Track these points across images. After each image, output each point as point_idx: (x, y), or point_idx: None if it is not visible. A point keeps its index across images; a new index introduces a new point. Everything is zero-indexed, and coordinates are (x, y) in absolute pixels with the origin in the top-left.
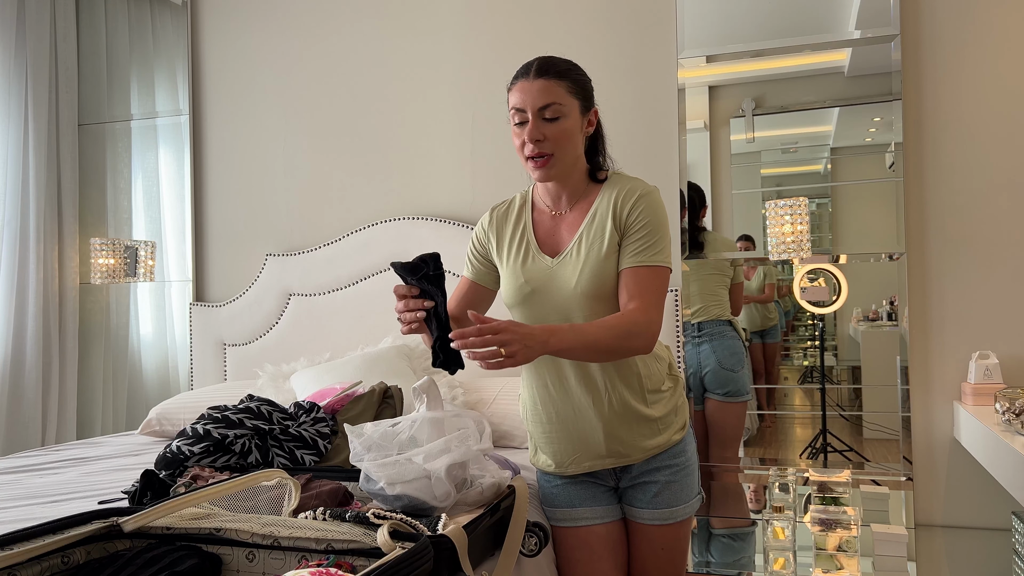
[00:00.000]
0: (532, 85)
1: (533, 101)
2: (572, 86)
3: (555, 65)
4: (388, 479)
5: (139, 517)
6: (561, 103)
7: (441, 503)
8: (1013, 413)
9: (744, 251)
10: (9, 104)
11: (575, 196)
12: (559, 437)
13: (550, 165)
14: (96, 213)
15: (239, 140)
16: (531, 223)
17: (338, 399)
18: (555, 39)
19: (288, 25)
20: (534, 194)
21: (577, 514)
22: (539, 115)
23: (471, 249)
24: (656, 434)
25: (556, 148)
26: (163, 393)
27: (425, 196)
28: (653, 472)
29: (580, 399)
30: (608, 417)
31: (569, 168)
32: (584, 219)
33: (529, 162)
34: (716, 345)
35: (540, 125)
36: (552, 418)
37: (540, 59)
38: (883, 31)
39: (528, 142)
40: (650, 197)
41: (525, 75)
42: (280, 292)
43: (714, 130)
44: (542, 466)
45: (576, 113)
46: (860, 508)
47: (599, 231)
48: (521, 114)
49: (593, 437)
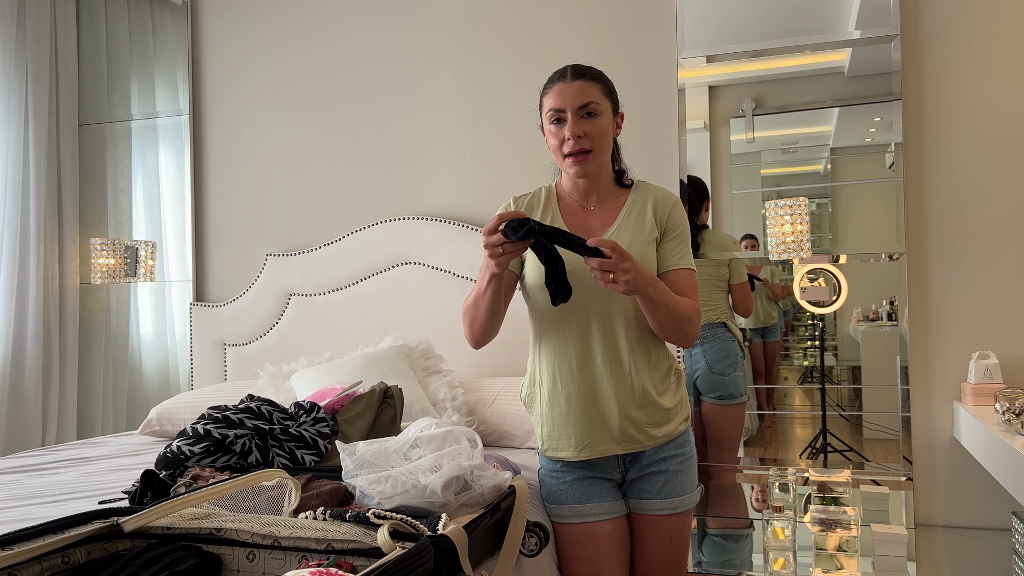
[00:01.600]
0: (570, 87)
1: (572, 101)
2: (605, 88)
3: (589, 69)
4: (381, 494)
5: (139, 517)
6: (597, 102)
7: (443, 510)
8: (1013, 413)
9: (748, 250)
10: (9, 104)
11: (603, 195)
12: (576, 419)
13: (589, 160)
14: (96, 213)
15: (239, 140)
16: (559, 212)
17: (338, 399)
18: (555, 39)
19: (288, 25)
20: (559, 189)
21: (585, 510)
22: (578, 113)
23: None
24: (666, 422)
25: (594, 144)
26: (163, 393)
27: (425, 196)
28: (662, 461)
29: (603, 380)
30: (627, 400)
31: (601, 166)
32: (618, 214)
33: (568, 159)
34: (707, 348)
35: (579, 123)
36: (571, 398)
37: (573, 64)
38: (883, 31)
39: (570, 137)
40: (680, 205)
41: (562, 78)
42: (280, 292)
43: (714, 130)
44: (553, 452)
45: (609, 114)
46: (860, 508)
47: (638, 223)
48: (559, 114)
49: (610, 420)
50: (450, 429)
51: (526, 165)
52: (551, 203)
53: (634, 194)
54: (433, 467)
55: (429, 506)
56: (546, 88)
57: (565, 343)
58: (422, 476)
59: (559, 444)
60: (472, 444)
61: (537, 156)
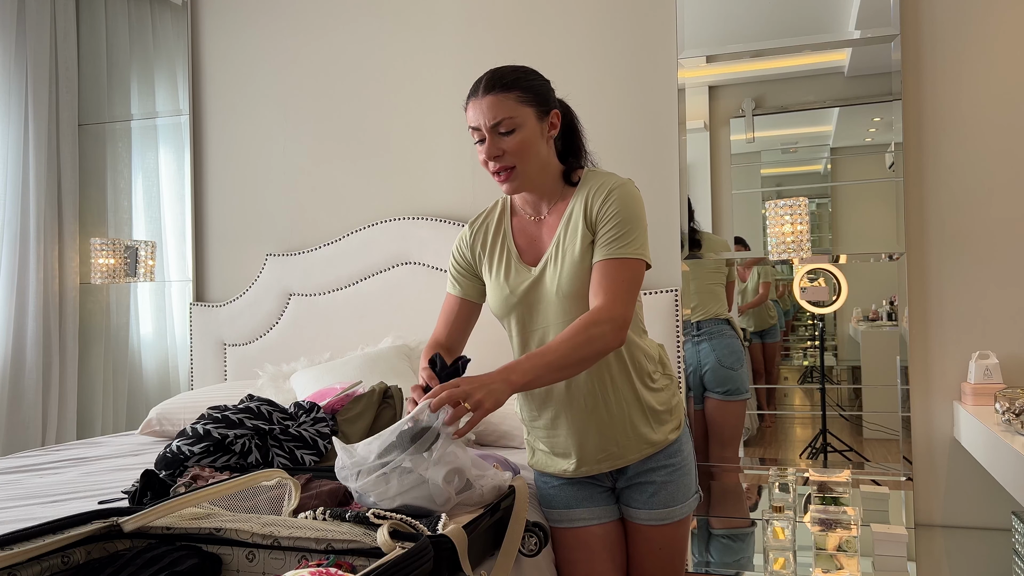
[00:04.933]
0: (482, 103)
1: (485, 119)
2: (522, 95)
3: (502, 78)
4: (379, 496)
5: (139, 517)
6: (513, 116)
7: (442, 508)
8: (1013, 413)
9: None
10: (9, 104)
11: (552, 199)
12: (555, 442)
13: (514, 177)
14: (96, 213)
15: (239, 140)
16: (511, 232)
17: (338, 399)
18: (555, 39)
19: (288, 25)
20: (513, 201)
21: (575, 515)
22: (494, 131)
23: (454, 265)
24: (651, 431)
25: (517, 160)
26: (163, 393)
27: (425, 196)
28: (649, 472)
29: (576, 401)
30: (603, 420)
31: (537, 176)
32: (560, 222)
33: (495, 177)
34: (716, 343)
35: (497, 141)
36: (549, 423)
37: (488, 74)
38: (883, 31)
39: (487, 159)
40: (622, 189)
41: (475, 93)
42: (280, 292)
43: (714, 130)
44: (541, 468)
45: (532, 122)
46: (860, 508)
47: (573, 232)
48: (478, 132)
49: (588, 442)
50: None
51: None
52: (503, 221)
53: (577, 193)
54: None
55: (432, 505)
56: (466, 101)
57: None
58: (420, 468)
59: (544, 463)
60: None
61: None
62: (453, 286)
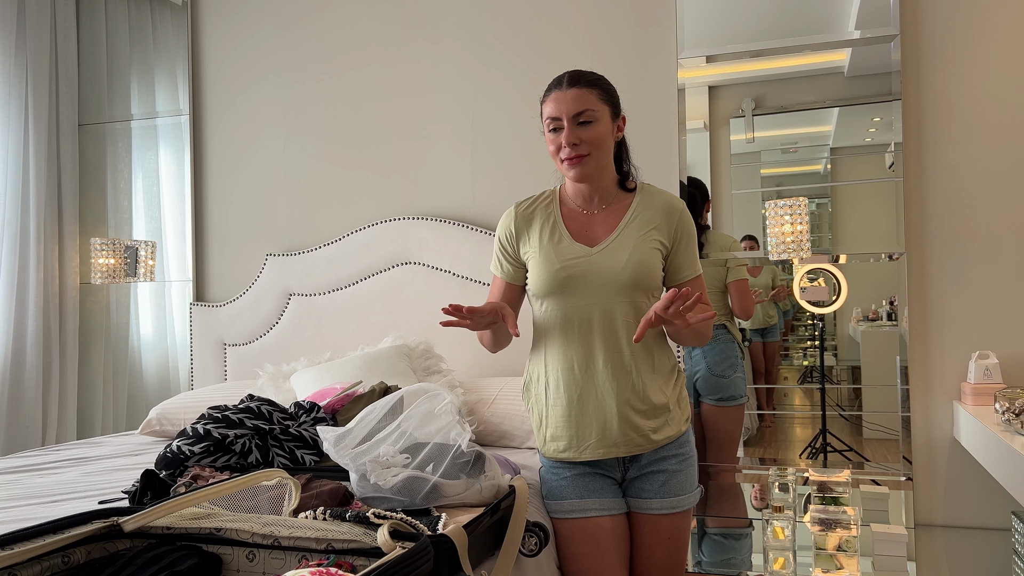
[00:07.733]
0: (566, 94)
1: (568, 108)
2: (602, 94)
3: (586, 75)
4: (379, 477)
5: (139, 517)
6: (594, 109)
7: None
8: (1013, 413)
9: (748, 251)
10: (9, 104)
11: (606, 199)
12: (578, 421)
13: (585, 163)
14: (96, 213)
15: (239, 140)
16: (560, 217)
17: (338, 399)
18: (555, 39)
19: (288, 25)
20: (562, 193)
21: (586, 505)
22: (574, 121)
23: (500, 248)
24: (665, 425)
25: (592, 148)
26: (163, 393)
27: (425, 196)
28: (661, 461)
29: (605, 383)
30: (629, 403)
31: (601, 169)
32: (622, 218)
33: (565, 163)
34: (707, 350)
35: (576, 130)
36: (573, 401)
37: (571, 72)
38: (883, 31)
39: (565, 145)
40: (687, 211)
41: (558, 86)
42: (280, 292)
43: (714, 130)
44: (553, 453)
45: (607, 119)
46: (860, 508)
47: (643, 227)
48: (557, 122)
49: (612, 423)
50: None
51: (526, 165)
52: (553, 207)
53: (639, 198)
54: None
55: (427, 491)
56: (544, 96)
57: (568, 346)
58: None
59: (561, 445)
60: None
61: (537, 156)
62: (498, 267)
